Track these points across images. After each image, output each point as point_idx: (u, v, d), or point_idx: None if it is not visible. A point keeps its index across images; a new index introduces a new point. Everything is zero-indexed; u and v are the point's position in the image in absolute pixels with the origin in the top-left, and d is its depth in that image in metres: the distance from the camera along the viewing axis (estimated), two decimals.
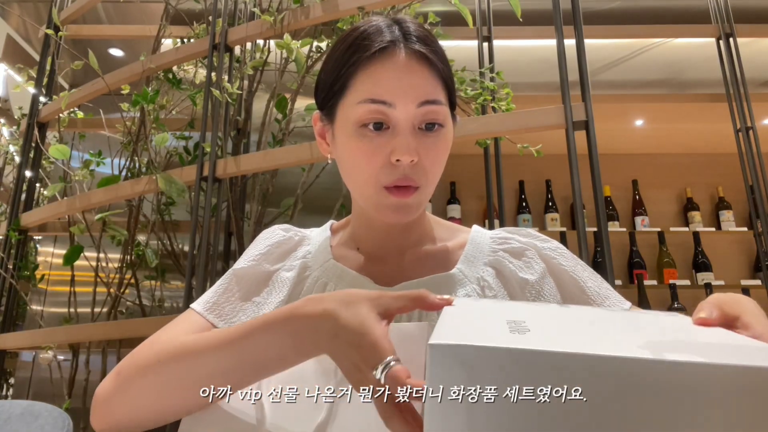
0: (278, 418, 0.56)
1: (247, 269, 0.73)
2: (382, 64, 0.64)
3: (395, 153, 0.63)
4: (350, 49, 0.66)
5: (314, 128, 0.74)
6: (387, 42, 0.64)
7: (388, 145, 0.63)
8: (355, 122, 0.64)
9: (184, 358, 0.56)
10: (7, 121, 3.36)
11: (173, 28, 2.22)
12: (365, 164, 0.64)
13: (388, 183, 0.64)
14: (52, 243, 2.76)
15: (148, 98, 1.95)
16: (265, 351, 0.52)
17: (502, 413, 0.32)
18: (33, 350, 2.39)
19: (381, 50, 0.64)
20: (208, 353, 0.54)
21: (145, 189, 1.88)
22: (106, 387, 0.60)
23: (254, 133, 2.09)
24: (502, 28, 2.26)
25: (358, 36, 0.66)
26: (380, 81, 0.63)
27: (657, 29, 2.65)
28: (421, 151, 0.64)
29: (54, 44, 2.36)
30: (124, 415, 0.58)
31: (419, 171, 0.64)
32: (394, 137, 0.63)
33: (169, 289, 2.20)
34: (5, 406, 0.95)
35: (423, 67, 0.64)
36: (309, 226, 0.84)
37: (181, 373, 0.55)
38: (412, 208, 0.66)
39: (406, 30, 0.66)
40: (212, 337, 0.56)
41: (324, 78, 0.70)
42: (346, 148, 0.66)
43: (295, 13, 1.81)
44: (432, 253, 0.73)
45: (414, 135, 0.64)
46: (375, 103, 0.63)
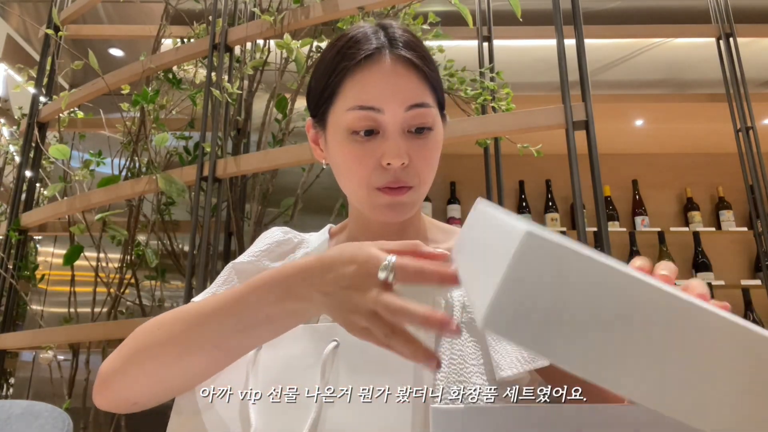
0: (264, 423, 0.57)
1: (246, 264, 0.74)
2: (369, 71, 0.65)
3: (386, 157, 0.64)
4: (337, 56, 0.67)
5: (308, 135, 0.75)
6: (373, 49, 0.65)
7: (379, 149, 0.65)
8: (346, 129, 0.65)
9: (184, 321, 0.57)
10: (7, 121, 3.36)
11: (173, 28, 2.22)
12: (357, 168, 0.66)
13: (380, 185, 0.65)
14: (52, 243, 2.76)
15: (148, 98, 1.95)
16: (256, 308, 0.53)
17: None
18: (33, 350, 2.39)
19: (367, 57, 0.65)
20: (207, 317, 0.55)
21: (145, 189, 1.88)
22: (108, 363, 0.61)
23: (254, 133, 2.09)
24: (502, 28, 2.26)
25: (345, 44, 0.67)
26: (368, 87, 0.65)
27: (657, 29, 2.65)
28: (411, 153, 0.65)
29: (54, 44, 2.36)
30: (126, 390, 0.60)
31: (411, 173, 0.66)
32: (384, 141, 0.65)
33: (169, 289, 2.20)
34: (5, 406, 0.95)
35: (409, 71, 0.65)
36: (309, 226, 0.84)
37: (180, 337, 0.56)
38: (407, 206, 0.67)
39: (392, 35, 0.67)
40: (210, 301, 0.57)
41: (314, 86, 0.71)
42: (339, 154, 0.68)
43: (295, 13, 1.81)
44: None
45: (404, 138, 0.65)
46: (364, 110, 0.64)
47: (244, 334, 0.54)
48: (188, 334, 0.56)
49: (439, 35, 1.82)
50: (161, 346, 0.57)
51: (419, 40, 0.70)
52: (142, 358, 0.58)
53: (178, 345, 0.57)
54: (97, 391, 0.61)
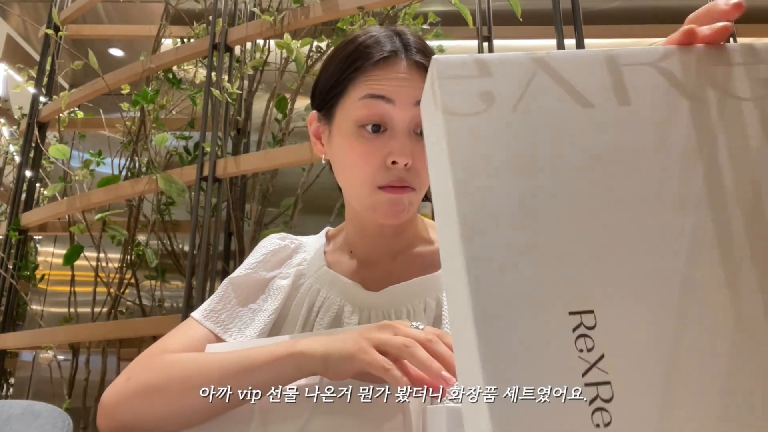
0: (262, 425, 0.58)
1: (243, 277, 0.74)
2: (384, 70, 0.65)
3: (392, 155, 0.64)
4: (352, 55, 0.67)
5: (309, 128, 0.75)
6: (389, 51, 0.66)
7: (385, 147, 0.64)
8: (355, 121, 0.65)
9: (190, 382, 0.58)
10: (7, 121, 3.37)
11: (173, 28, 2.22)
12: (362, 164, 0.65)
13: (383, 184, 0.65)
14: (52, 243, 2.76)
15: (148, 98, 1.95)
16: (265, 381, 0.55)
17: None
18: (33, 350, 2.39)
19: (384, 59, 0.65)
20: (212, 381, 0.57)
21: (145, 189, 1.88)
22: (114, 392, 0.63)
23: (254, 133, 2.09)
24: (502, 28, 2.25)
25: (360, 45, 0.67)
26: (383, 82, 0.65)
27: (657, 29, 2.65)
28: (415, 154, 0.65)
29: (54, 44, 2.36)
30: (128, 421, 0.62)
31: (413, 174, 0.65)
32: (392, 139, 0.64)
33: (169, 289, 2.20)
34: (5, 406, 0.95)
35: (422, 76, 0.65)
36: (309, 226, 0.84)
37: (186, 398, 0.58)
38: (405, 207, 0.67)
39: (407, 41, 0.68)
40: (217, 366, 0.59)
41: (324, 81, 0.71)
42: (343, 148, 0.67)
43: (295, 13, 1.81)
44: (423, 255, 0.74)
45: (410, 138, 0.65)
46: (375, 98, 0.64)
47: (264, 389, 0.56)
48: (198, 391, 0.57)
49: (439, 35, 1.82)
50: (175, 395, 0.59)
51: (430, 48, 0.70)
52: (148, 407, 0.60)
53: (191, 397, 0.58)
54: (103, 419, 0.63)
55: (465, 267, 0.28)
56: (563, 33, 1.53)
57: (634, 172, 0.31)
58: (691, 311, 0.28)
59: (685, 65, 0.33)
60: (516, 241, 0.29)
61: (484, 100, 0.32)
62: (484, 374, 0.26)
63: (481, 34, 2.22)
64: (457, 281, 0.30)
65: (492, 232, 0.29)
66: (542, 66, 0.33)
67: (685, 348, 0.28)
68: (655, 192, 0.30)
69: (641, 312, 0.28)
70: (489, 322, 0.27)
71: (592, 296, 0.28)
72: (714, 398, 0.27)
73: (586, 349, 0.27)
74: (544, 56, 0.33)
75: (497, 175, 0.30)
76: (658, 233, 0.30)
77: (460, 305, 0.30)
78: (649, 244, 0.29)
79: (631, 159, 0.31)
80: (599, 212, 0.30)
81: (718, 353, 0.28)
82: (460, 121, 0.31)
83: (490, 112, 0.32)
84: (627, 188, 0.30)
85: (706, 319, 0.28)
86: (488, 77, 0.33)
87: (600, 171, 0.31)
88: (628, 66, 0.33)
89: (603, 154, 0.31)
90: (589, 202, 0.30)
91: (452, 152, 0.31)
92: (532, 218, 0.30)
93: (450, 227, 0.31)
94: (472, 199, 0.30)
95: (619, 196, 0.30)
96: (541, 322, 0.28)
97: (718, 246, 0.29)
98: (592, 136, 0.31)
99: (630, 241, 0.29)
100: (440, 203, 0.34)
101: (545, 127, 0.31)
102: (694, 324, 0.28)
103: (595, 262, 0.29)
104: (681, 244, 0.29)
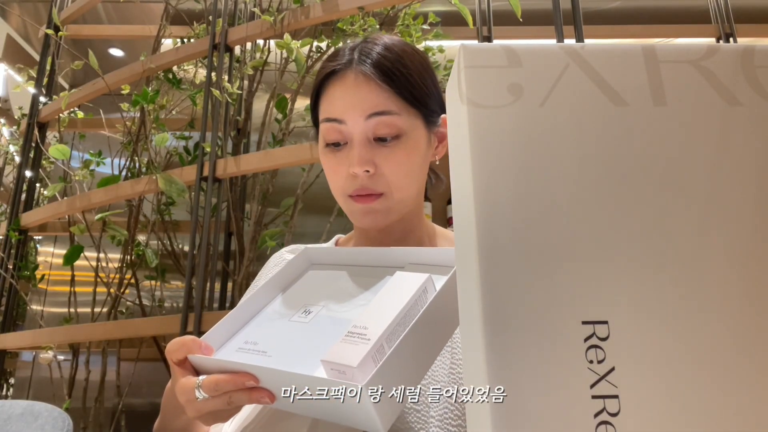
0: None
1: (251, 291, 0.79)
2: (335, 86, 0.69)
3: (350, 166, 0.67)
4: (319, 72, 0.73)
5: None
6: (341, 65, 0.69)
7: (347, 159, 0.68)
8: (323, 140, 0.72)
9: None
10: (7, 121, 3.37)
11: (173, 28, 2.22)
12: (333, 177, 0.71)
13: (350, 193, 0.69)
14: (52, 243, 2.76)
15: (148, 98, 1.95)
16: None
17: None
18: (33, 350, 2.39)
19: (333, 72, 0.70)
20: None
21: (145, 189, 1.88)
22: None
23: (254, 133, 2.09)
24: (502, 28, 2.26)
25: (325, 60, 0.73)
26: (334, 101, 0.69)
27: (657, 29, 2.65)
28: (378, 160, 0.67)
29: (54, 44, 2.36)
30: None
31: (379, 180, 0.68)
32: (350, 150, 0.68)
33: (169, 289, 2.20)
34: (5, 406, 0.95)
35: (370, 81, 0.67)
36: (309, 226, 0.85)
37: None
38: (380, 213, 0.69)
39: (365, 51, 0.69)
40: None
41: (311, 99, 0.77)
42: (322, 162, 0.74)
43: (295, 13, 1.81)
44: None
45: (369, 147, 0.67)
46: (330, 122, 0.69)
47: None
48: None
49: (440, 35, 1.82)
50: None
51: (402, 51, 0.70)
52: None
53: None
54: None
55: (478, 265, 0.28)
56: (563, 33, 1.53)
57: (662, 182, 0.29)
58: (707, 330, 0.27)
59: (727, 65, 0.31)
60: (533, 245, 0.28)
61: (512, 93, 0.30)
62: (488, 375, 0.26)
63: (481, 34, 2.22)
64: (469, 279, 0.30)
65: (509, 234, 0.28)
66: (575, 59, 0.31)
67: (698, 368, 0.27)
68: (683, 204, 0.29)
69: (657, 327, 0.27)
70: (497, 323, 0.27)
71: (608, 306, 0.27)
72: (726, 423, 0.26)
73: (596, 361, 0.26)
74: (578, 48, 0.31)
75: (519, 176, 0.29)
76: (682, 246, 0.28)
77: (471, 301, 0.29)
78: (671, 257, 0.28)
79: (660, 166, 0.29)
80: (622, 221, 0.29)
81: (733, 378, 0.27)
82: (484, 114, 0.30)
83: (517, 105, 0.30)
84: (653, 198, 0.29)
85: (724, 339, 0.27)
86: (518, 68, 0.31)
87: (626, 178, 0.29)
88: (666, 63, 0.31)
89: (631, 159, 0.29)
90: (612, 210, 0.29)
91: (474, 148, 0.30)
92: (551, 223, 0.29)
93: (466, 227, 0.30)
94: (491, 200, 0.29)
95: (644, 207, 0.29)
96: (551, 329, 0.27)
97: (744, 263, 0.28)
98: (622, 139, 0.30)
99: (652, 252, 0.28)
100: (458, 197, 0.33)
101: (573, 127, 0.30)
102: (709, 343, 0.27)
103: (614, 271, 0.28)
104: (705, 259, 0.28)
